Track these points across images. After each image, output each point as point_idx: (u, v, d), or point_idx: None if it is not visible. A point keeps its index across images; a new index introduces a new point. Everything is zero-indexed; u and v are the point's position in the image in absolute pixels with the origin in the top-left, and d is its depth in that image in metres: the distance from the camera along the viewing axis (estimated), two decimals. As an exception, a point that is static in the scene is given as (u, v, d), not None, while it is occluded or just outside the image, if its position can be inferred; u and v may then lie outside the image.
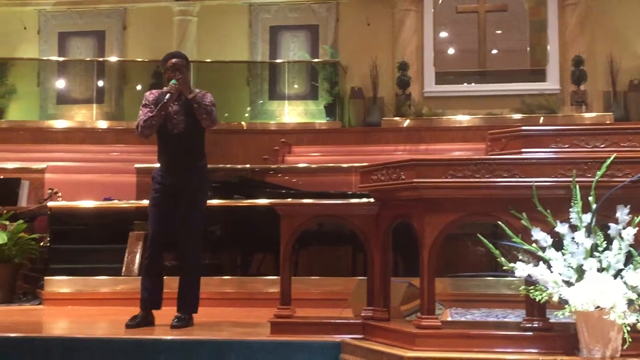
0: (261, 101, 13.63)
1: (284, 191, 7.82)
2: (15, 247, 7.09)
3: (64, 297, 6.89)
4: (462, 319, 5.66)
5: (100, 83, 13.89)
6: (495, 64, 13.60)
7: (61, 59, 14.16)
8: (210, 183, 5.59)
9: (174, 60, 5.46)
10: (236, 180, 8.64)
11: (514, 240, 3.96)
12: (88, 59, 14.11)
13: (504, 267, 3.94)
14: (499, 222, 4.03)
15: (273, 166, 10.63)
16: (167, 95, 5.34)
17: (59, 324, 6.08)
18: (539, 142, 4.28)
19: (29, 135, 12.51)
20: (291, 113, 13.48)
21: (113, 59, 14.07)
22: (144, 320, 5.35)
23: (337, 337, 4.53)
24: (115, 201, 7.75)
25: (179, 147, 5.48)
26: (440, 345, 3.98)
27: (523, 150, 4.25)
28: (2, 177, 9.25)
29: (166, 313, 5.32)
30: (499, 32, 13.68)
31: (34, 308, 6.81)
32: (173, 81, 5.40)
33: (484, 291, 6.48)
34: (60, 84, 14.00)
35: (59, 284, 6.98)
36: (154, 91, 5.61)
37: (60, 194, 8.44)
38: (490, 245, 3.97)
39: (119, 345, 4.75)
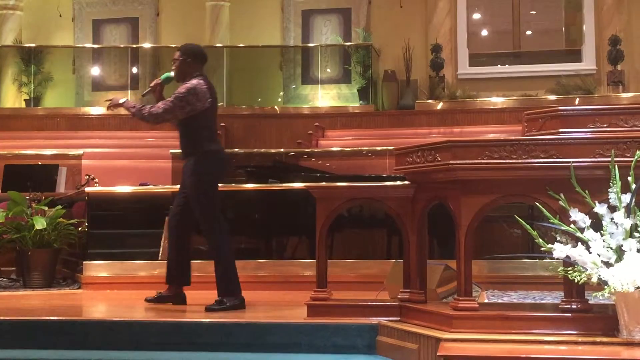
0: (294, 85, 13.62)
1: (318, 175, 7.83)
2: (55, 233, 7.17)
3: (102, 281, 6.99)
4: (499, 301, 5.64)
5: (135, 69, 13.97)
6: (530, 44, 13.44)
7: (96, 46, 14.26)
8: (208, 172, 5.57)
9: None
10: (271, 164, 8.67)
11: (551, 221, 3.93)
12: (122, 45, 14.18)
13: (542, 249, 3.91)
14: (537, 204, 4.00)
15: (307, 150, 10.65)
16: (147, 90, 5.85)
17: (97, 307, 6.17)
18: (576, 122, 4.24)
19: (66, 122, 12.64)
20: (324, 97, 13.46)
21: (147, 45, 14.14)
22: (168, 296, 5.54)
23: (374, 320, 4.54)
24: (151, 186, 7.81)
25: (180, 136, 5.69)
26: (478, 327, 3.97)
27: (560, 130, 4.21)
28: (40, 163, 9.37)
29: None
30: (534, 12, 13.51)
31: (73, 292, 6.91)
32: (165, 74, 5.76)
33: (520, 273, 6.44)
34: (95, 71, 14.11)
35: (98, 268, 7.07)
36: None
37: (97, 180, 8.53)
38: (528, 227, 3.94)
39: (157, 328, 4.80)
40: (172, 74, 5.77)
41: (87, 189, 7.64)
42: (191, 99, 5.50)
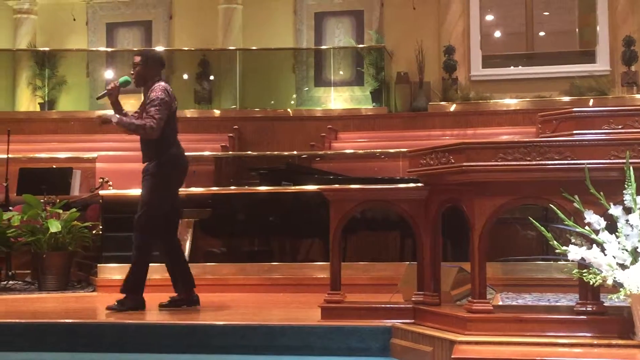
0: (307, 88, 13.63)
1: (331, 177, 7.82)
2: (69, 236, 7.20)
3: (116, 284, 6.92)
4: (514, 303, 5.62)
5: (148, 73, 14.00)
6: (543, 46, 13.38)
7: (109, 49, 14.33)
8: (167, 175, 5.59)
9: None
10: (284, 166, 8.67)
11: (566, 223, 3.91)
12: (135, 49, 14.22)
13: (557, 250, 3.89)
14: (551, 205, 3.98)
15: (320, 152, 10.65)
16: (103, 92, 5.85)
17: (112, 310, 6.18)
18: (591, 123, 4.21)
19: (80, 126, 12.68)
20: (337, 99, 13.45)
21: (160, 48, 14.16)
22: (180, 300, 5.67)
23: (388, 322, 4.53)
24: (165, 189, 7.82)
25: (142, 140, 5.68)
26: (492, 329, 3.95)
27: (575, 132, 4.19)
28: (54, 166, 9.40)
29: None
30: (547, 13, 13.45)
31: (88, 295, 6.93)
32: (123, 78, 5.77)
33: (535, 275, 6.42)
34: (109, 74, 14.16)
35: (112, 271, 7.09)
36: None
37: (111, 183, 8.56)
38: (543, 229, 3.92)
39: (171, 331, 4.82)
40: (129, 78, 5.76)
41: (101, 192, 7.67)
42: (168, 102, 5.53)
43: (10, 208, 7.85)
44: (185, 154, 5.84)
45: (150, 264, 6.92)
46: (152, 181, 5.55)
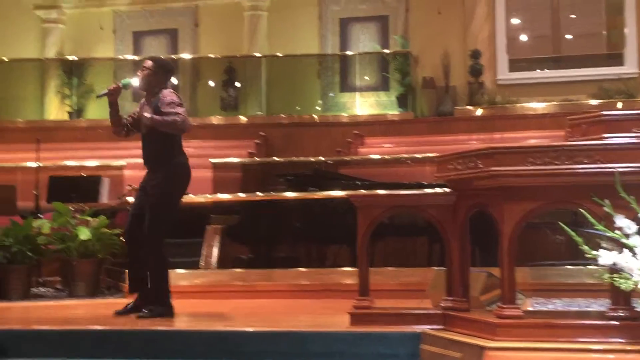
0: (332, 94, 13.64)
1: (358, 183, 7.82)
2: (99, 243, 7.25)
3: (145, 290, 7.02)
4: (544, 308, 5.57)
5: (174, 80, 14.09)
6: (570, 49, 13.28)
7: (136, 57, 14.43)
8: (179, 182, 5.57)
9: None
10: (310, 172, 8.68)
11: (596, 227, 3.87)
12: (162, 57, 14.30)
13: (587, 255, 3.86)
14: (581, 210, 3.95)
15: (346, 158, 10.65)
16: (104, 91, 5.76)
17: (141, 316, 6.21)
18: (620, 126, 4.18)
19: (108, 134, 12.66)
20: (363, 105, 13.45)
21: (186, 56, 14.27)
22: (136, 307, 5.58)
23: (417, 328, 4.52)
24: (192, 196, 7.86)
25: (146, 146, 5.66)
26: (523, 335, 3.92)
27: (604, 135, 4.16)
28: (83, 174, 9.49)
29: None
30: (574, 16, 13.36)
31: (117, 301, 6.95)
32: (125, 80, 5.79)
33: (565, 280, 6.35)
34: (135, 82, 14.23)
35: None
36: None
37: (139, 190, 8.60)
38: (573, 233, 3.89)
39: (200, 337, 4.83)
40: (131, 80, 5.76)
41: (129, 199, 7.72)
42: (182, 103, 5.62)
43: (41, 216, 7.93)
44: (212, 160, 5.86)
45: (178, 271, 7.00)
46: (164, 186, 5.52)
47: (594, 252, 3.84)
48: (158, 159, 5.57)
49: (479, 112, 12.45)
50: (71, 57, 14.06)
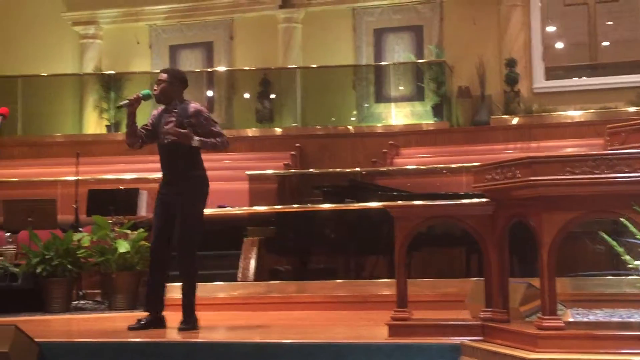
0: (367, 104, 13.63)
1: (395, 193, 7.80)
2: (137, 255, 7.32)
3: (183, 303, 7.07)
4: (585, 319, 5.49)
5: (210, 93, 14.21)
6: (607, 56, 13.15)
7: (172, 71, 14.56)
8: (205, 194, 5.57)
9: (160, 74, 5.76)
10: (347, 183, 8.68)
11: (638, 237, 3.82)
12: (198, 70, 14.45)
13: (629, 265, 3.81)
14: (622, 219, 3.90)
15: (382, 169, 10.64)
16: (125, 101, 5.75)
17: (180, 328, 6.25)
18: (661, 134, 4.13)
19: (145, 147, 12.88)
20: (398, 115, 13.43)
21: (221, 68, 14.39)
22: (150, 322, 5.58)
23: (456, 339, 4.48)
24: (229, 208, 7.91)
25: (169, 158, 5.63)
26: (564, 346, 3.88)
27: (644, 143, 4.11)
28: (122, 187, 9.58)
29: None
30: (610, 23, 13.23)
31: (156, 313, 7.01)
32: (145, 90, 5.75)
33: (605, 290, 6.27)
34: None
35: (178, 290, 7.14)
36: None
37: (176, 203, 8.66)
38: (614, 243, 3.84)
39: (240, 349, 4.84)
40: (151, 91, 5.77)
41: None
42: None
43: (80, 229, 8.03)
44: (248, 172, 5.89)
45: (216, 283, 7.04)
46: (194, 200, 5.54)
47: (635, 262, 3.79)
48: (183, 172, 5.56)
49: (515, 121, 12.36)
50: (108, 72, 14.24)
